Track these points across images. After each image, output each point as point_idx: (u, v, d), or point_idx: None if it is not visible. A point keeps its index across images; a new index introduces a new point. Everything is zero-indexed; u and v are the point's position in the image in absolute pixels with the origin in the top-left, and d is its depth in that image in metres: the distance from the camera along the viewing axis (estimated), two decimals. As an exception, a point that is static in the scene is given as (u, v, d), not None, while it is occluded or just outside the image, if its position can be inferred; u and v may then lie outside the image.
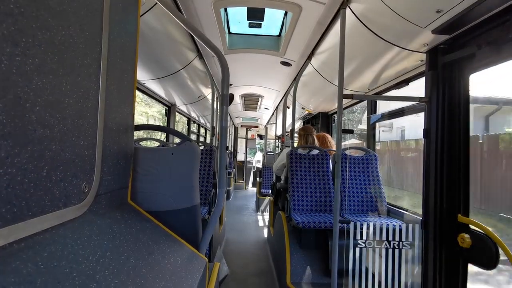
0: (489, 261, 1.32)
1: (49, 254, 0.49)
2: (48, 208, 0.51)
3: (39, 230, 0.50)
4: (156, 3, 1.51)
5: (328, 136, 3.24)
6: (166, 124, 4.18)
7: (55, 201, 0.53)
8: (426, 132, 1.65)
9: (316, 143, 2.97)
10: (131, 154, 0.92)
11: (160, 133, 5.24)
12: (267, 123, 7.87)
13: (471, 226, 1.44)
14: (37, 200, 0.48)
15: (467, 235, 1.42)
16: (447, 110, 1.57)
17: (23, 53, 0.44)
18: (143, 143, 2.91)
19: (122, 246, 0.68)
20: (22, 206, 0.45)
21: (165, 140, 4.04)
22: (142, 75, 2.68)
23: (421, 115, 1.75)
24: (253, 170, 10.45)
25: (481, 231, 1.37)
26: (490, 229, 1.34)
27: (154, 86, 3.10)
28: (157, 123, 8.23)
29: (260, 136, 10.90)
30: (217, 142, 3.32)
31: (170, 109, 4.07)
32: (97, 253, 0.58)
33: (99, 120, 0.68)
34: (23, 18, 0.44)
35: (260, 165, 8.41)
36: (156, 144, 3.50)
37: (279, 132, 5.65)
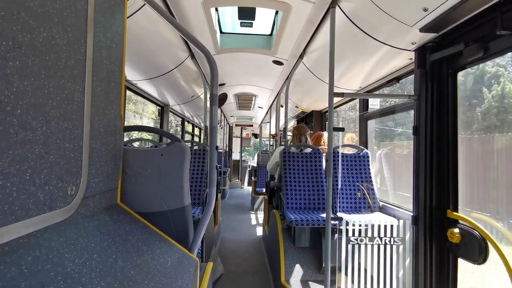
0: (478, 255, 1.34)
1: (33, 257, 0.48)
2: (32, 212, 0.51)
3: (23, 234, 0.49)
4: (145, 4, 1.50)
5: (324, 134, 3.24)
6: (160, 123, 4.16)
7: (39, 205, 0.53)
8: (416, 129, 1.67)
9: (309, 142, 2.98)
10: (120, 156, 0.91)
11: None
12: (262, 121, 7.87)
13: (460, 221, 1.46)
14: (20, 204, 0.48)
15: (456, 230, 1.44)
16: (436, 107, 1.59)
17: (2, 56, 0.44)
18: (136, 144, 2.89)
19: (110, 248, 0.68)
20: (5, 211, 0.45)
21: (158, 141, 4.02)
22: (134, 75, 2.66)
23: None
24: (248, 169, 10.47)
25: (470, 226, 1.39)
26: (478, 224, 1.36)
27: (147, 87, 3.08)
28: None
29: (255, 135, 10.90)
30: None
31: (163, 109, 4.05)
32: (84, 256, 0.58)
33: (85, 122, 0.68)
34: (2, 21, 0.44)
35: (255, 164, 8.42)
36: (150, 144, 3.48)
37: (273, 131, 5.66)
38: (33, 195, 0.51)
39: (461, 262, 1.48)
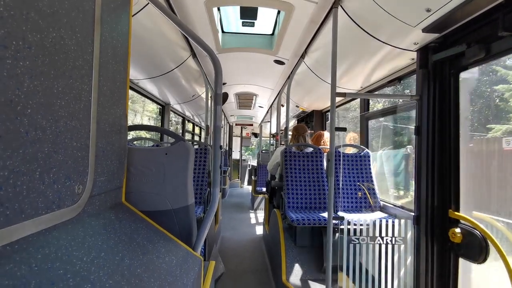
0: (479, 255, 1.35)
1: (43, 255, 0.49)
2: (41, 210, 0.51)
3: (33, 232, 0.50)
4: (148, 3, 1.50)
5: (325, 134, 3.25)
6: (161, 122, 4.16)
7: (48, 203, 0.53)
8: (418, 129, 1.67)
9: (309, 141, 2.98)
10: (124, 155, 0.92)
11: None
12: (262, 121, 7.87)
13: (462, 221, 1.47)
14: (30, 202, 0.48)
15: (457, 230, 1.45)
16: (438, 107, 1.60)
17: (13, 56, 0.44)
18: (136, 142, 2.89)
19: (117, 247, 0.68)
20: (15, 209, 0.45)
21: (160, 139, 4.02)
22: (135, 74, 2.66)
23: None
24: (248, 168, 10.49)
25: (471, 226, 1.40)
26: (480, 224, 1.37)
27: (148, 85, 3.09)
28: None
29: (255, 135, 10.91)
30: (211, 141, 3.32)
31: (164, 108, 4.05)
32: (92, 254, 0.59)
33: (92, 121, 0.68)
34: (13, 21, 0.44)
35: (255, 163, 8.44)
36: (150, 143, 3.48)
37: (274, 130, 5.66)
38: (42, 193, 0.52)
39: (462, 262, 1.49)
